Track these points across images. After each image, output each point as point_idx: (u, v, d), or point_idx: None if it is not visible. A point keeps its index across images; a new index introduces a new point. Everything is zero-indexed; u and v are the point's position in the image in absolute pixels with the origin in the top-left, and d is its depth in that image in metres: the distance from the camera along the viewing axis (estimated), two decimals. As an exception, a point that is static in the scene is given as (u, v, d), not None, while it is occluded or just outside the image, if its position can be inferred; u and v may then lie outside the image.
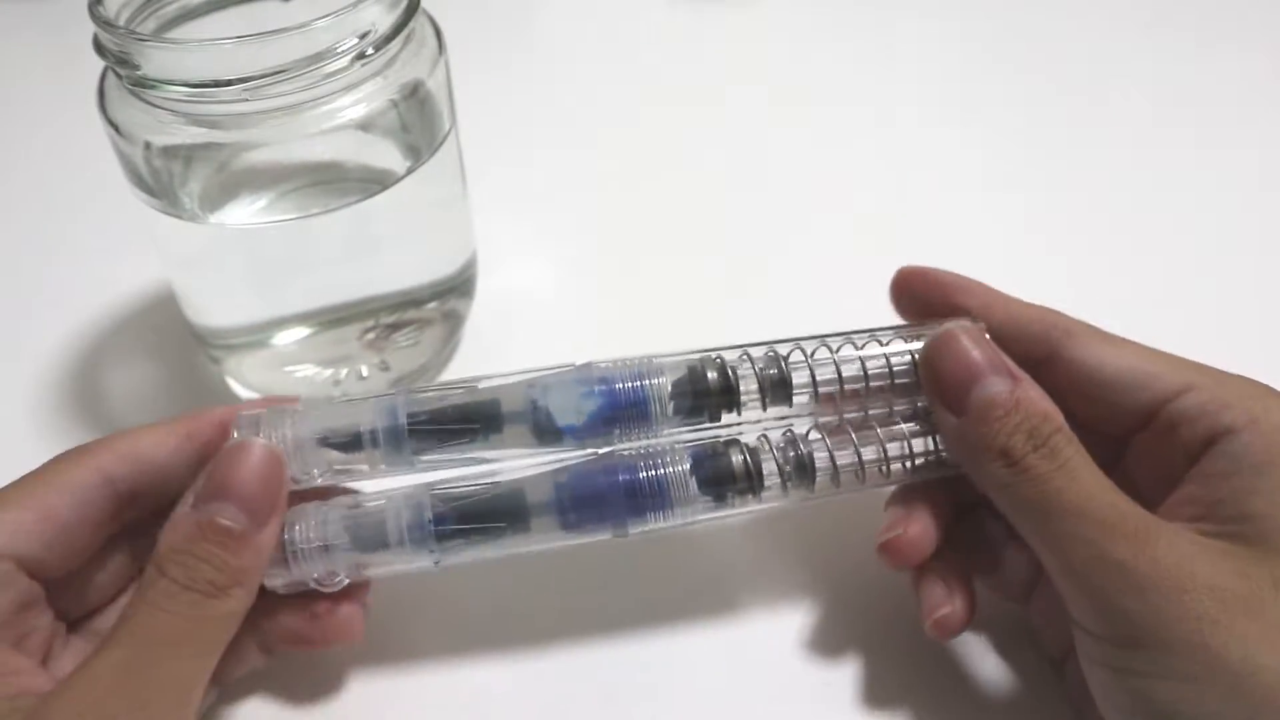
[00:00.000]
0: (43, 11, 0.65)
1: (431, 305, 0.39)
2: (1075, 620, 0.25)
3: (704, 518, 0.29)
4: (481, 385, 0.29)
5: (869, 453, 0.29)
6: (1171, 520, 0.25)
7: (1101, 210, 0.48)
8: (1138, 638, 0.23)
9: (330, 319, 0.37)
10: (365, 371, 0.38)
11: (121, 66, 0.31)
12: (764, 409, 0.29)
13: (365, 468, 0.28)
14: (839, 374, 0.29)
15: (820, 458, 0.29)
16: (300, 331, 0.38)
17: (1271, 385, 0.27)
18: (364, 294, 0.37)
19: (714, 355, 0.29)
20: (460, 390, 0.29)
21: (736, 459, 0.28)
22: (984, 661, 0.31)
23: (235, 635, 0.26)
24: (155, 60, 0.30)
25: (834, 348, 0.30)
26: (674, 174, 0.51)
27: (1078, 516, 0.24)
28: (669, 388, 0.29)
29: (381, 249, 0.36)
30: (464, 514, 0.28)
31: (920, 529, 0.28)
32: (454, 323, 0.41)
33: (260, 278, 0.37)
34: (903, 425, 0.29)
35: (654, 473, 0.28)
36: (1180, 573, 0.23)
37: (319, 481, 0.28)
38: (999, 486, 0.26)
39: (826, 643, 0.31)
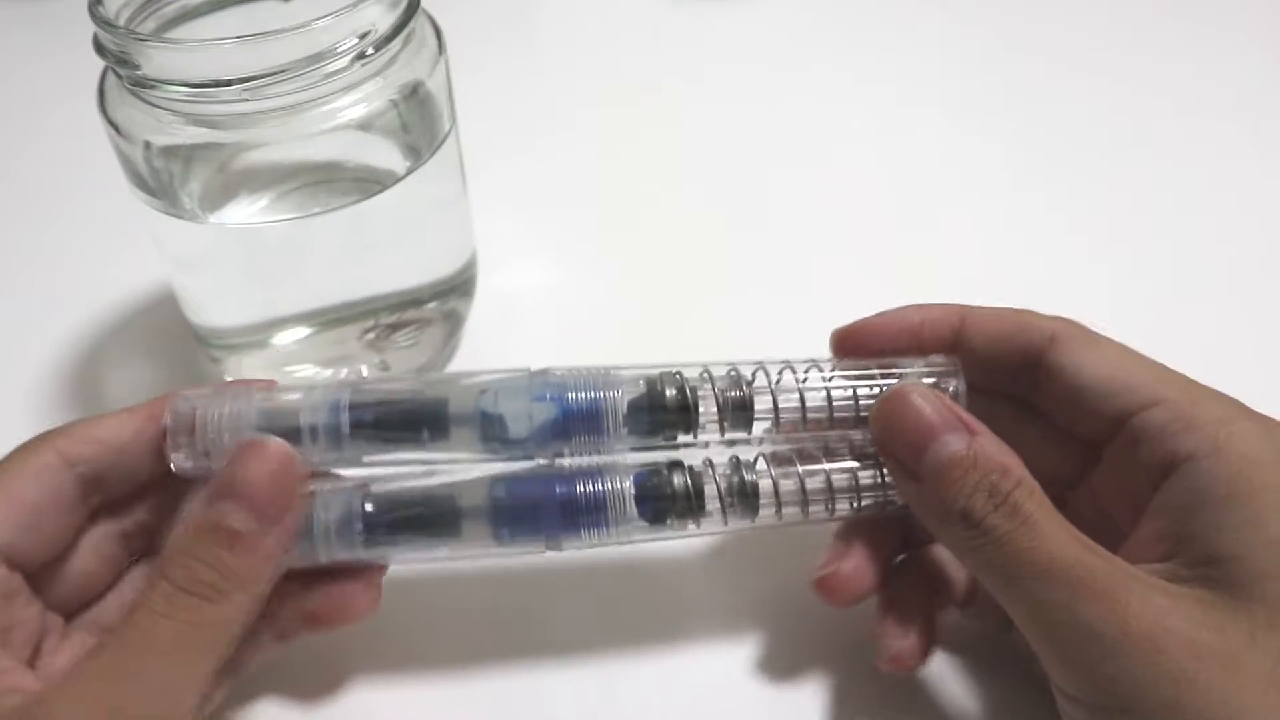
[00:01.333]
0: (43, 11, 0.65)
1: (431, 305, 0.39)
2: (1053, 683, 0.24)
3: (641, 538, 0.28)
4: (432, 384, 0.28)
5: (814, 483, 0.28)
6: (1141, 558, 0.25)
7: (1105, 210, 0.48)
8: (1115, 703, 0.23)
9: (330, 319, 0.37)
10: (365, 371, 0.38)
11: (121, 66, 0.31)
12: (722, 433, 0.28)
13: (305, 459, 0.27)
14: (802, 403, 0.28)
15: (764, 486, 0.28)
16: (300, 331, 0.38)
17: (1250, 403, 0.26)
18: (364, 294, 0.37)
19: (674, 372, 0.28)
20: (409, 389, 0.28)
21: (678, 480, 0.27)
22: (970, 682, 0.30)
23: (255, 631, 0.26)
24: (155, 60, 0.30)
25: (799, 374, 0.29)
26: (674, 174, 0.51)
27: (1044, 578, 0.23)
28: (624, 404, 0.28)
29: (381, 249, 0.36)
30: (396, 517, 0.27)
31: (854, 566, 0.28)
32: (454, 323, 0.41)
33: (260, 278, 0.37)
34: (851, 461, 0.28)
35: (592, 488, 0.27)
36: (1154, 632, 0.22)
37: None
38: (964, 550, 0.25)
39: (796, 668, 0.31)
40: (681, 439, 0.28)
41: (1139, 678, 0.22)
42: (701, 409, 0.28)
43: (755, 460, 0.28)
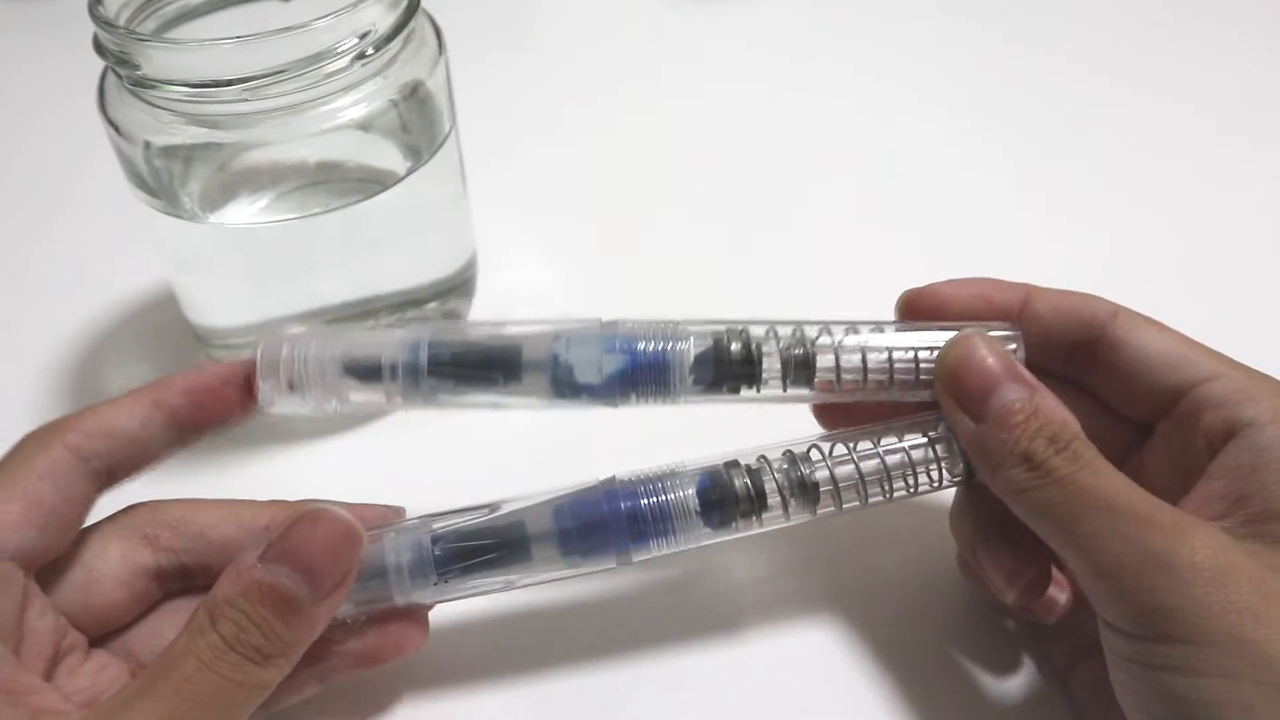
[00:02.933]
0: (43, 11, 0.65)
1: (431, 305, 0.39)
2: (1106, 621, 0.25)
3: (707, 542, 0.28)
4: (507, 331, 0.29)
5: (869, 466, 0.28)
6: (1197, 515, 0.25)
7: (1107, 201, 0.48)
8: (1175, 633, 0.23)
9: (330, 319, 0.37)
10: (365, 371, 0.38)
11: (121, 66, 0.31)
12: (784, 389, 0.29)
13: (382, 399, 0.29)
14: (864, 364, 0.29)
15: (821, 476, 0.28)
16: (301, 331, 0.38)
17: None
18: (364, 294, 0.37)
19: (740, 328, 0.29)
20: (485, 334, 0.29)
21: (738, 482, 0.28)
22: (988, 672, 0.31)
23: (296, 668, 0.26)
24: (155, 60, 0.30)
25: (862, 334, 0.29)
26: (674, 174, 0.51)
27: (1110, 512, 0.24)
28: (691, 357, 0.28)
29: (381, 249, 0.36)
30: (466, 549, 0.28)
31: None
32: (454, 322, 0.41)
33: (260, 278, 0.37)
34: (905, 440, 0.29)
35: (656, 499, 0.28)
36: (1220, 565, 0.23)
37: (335, 408, 0.29)
38: (1020, 491, 0.25)
39: (827, 656, 0.31)
40: (744, 392, 0.29)
41: (1204, 607, 0.23)
42: (765, 365, 0.29)
43: (809, 451, 0.29)
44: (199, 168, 0.34)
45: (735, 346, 0.29)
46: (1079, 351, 0.29)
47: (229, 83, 0.30)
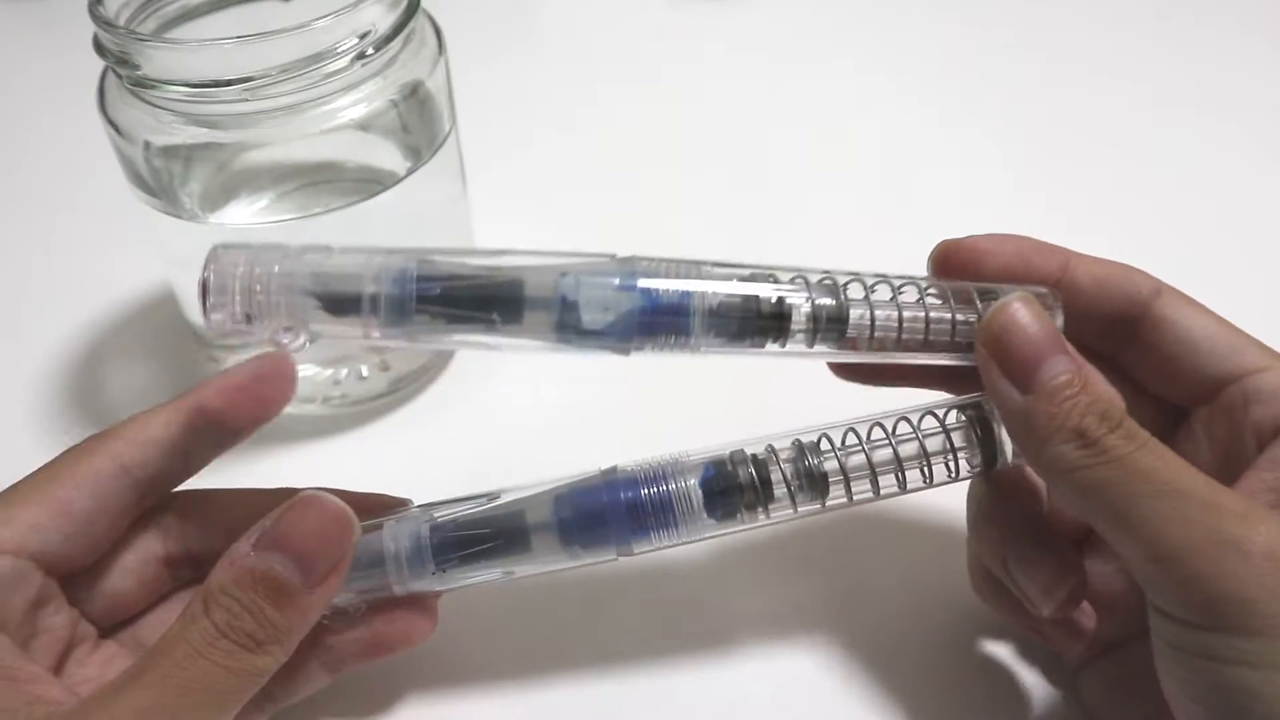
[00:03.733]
0: (43, 11, 0.65)
1: (431, 305, 0.39)
2: (1161, 608, 0.23)
3: (711, 534, 0.27)
4: (506, 261, 0.26)
5: (881, 455, 0.27)
6: None
7: (1110, 198, 0.48)
8: (1246, 625, 0.22)
9: (330, 319, 0.37)
10: (365, 371, 0.38)
11: (121, 66, 0.31)
12: (810, 345, 0.27)
13: (359, 334, 0.25)
14: (900, 321, 0.27)
15: (830, 466, 0.27)
16: (300, 331, 0.38)
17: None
18: (364, 294, 0.37)
19: (769, 274, 0.27)
20: (482, 264, 0.25)
21: (743, 473, 0.27)
22: (999, 671, 0.31)
23: (300, 656, 0.26)
24: (155, 60, 0.30)
25: (896, 286, 0.27)
26: (674, 174, 0.51)
27: (1176, 495, 0.23)
28: (715, 303, 0.26)
29: (381, 249, 0.36)
30: (465, 538, 0.27)
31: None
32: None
33: (260, 278, 0.37)
34: (920, 428, 0.28)
35: (657, 489, 0.27)
36: None
37: (302, 343, 0.25)
38: (1069, 469, 0.24)
39: (835, 654, 0.31)
40: (769, 346, 0.27)
41: (1276, 599, 0.22)
42: (794, 317, 0.26)
43: (818, 441, 0.27)
44: (199, 168, 0.34)
45: (765, 295, 0.26)
46: (1117, 327, 0.28)
47: (229, 83, 0.30)
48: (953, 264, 0.29)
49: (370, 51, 0.32)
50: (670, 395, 0.37)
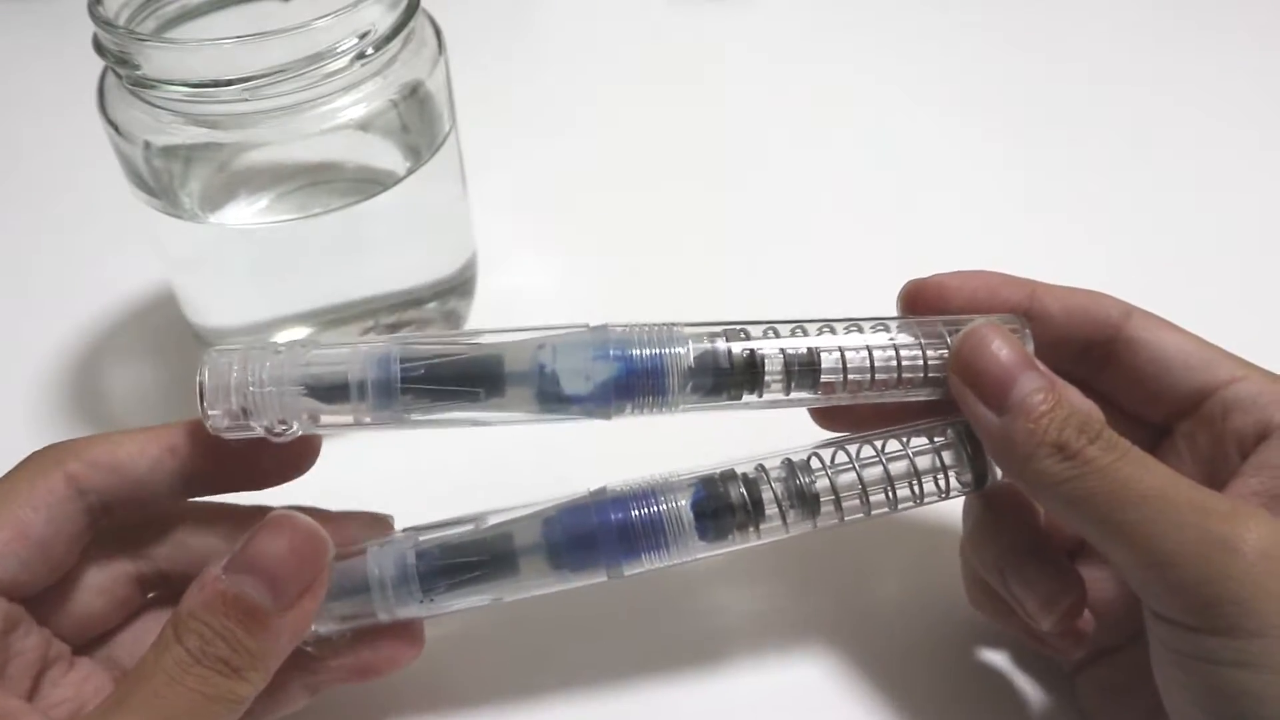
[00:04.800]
0: (43, 11, 0.65)
1: (431, 305, 0.39)
2: (1157, 613, 0.24)
3: (703, 555, 0.27)
4: (485, 340, 0.27)
5: (871, 474, 0.27)
6: None
7: (1108, 201, 0.48)
8: (1241, 625, 0.22)
9: (330, 319, 0.37)
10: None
11: (121, 66, 0.31)
12: (786, 393, 0.27)
13: (350, 420, 0.26)
14: (871, 363, 0.27)
15: (821, 485, 0.27)
16: (300, 331, 0.38)
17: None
18: (364, 294, 0.37)
19: (738, 329, 0.27)
20: (462, 344, 0.27)
21: (734, 492, 0.27)
22: (995, 676, 0.31)
23: (282, 677, 0.25)
24: (155, 60, 0.30)
25: (865, 332, 0.28)
26: (674, 174, 0.51)
27: (1163, 500, 0.23)
28: (689, 363, 0.26)
29: (381, 249, 0.36)
30: (453, 565, 0.27)
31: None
32: (454, 323, 0.41)
33: (260, 278, 0.37)
34: (910, 446, 0.28)
35: (647, 509, 0.26)
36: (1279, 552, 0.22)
37: (296, 432, 0.26)
38: (1055, 483, 0.24)
39: (831, 661, 0.31)
40: (746, 398, 0.27)
41: (1272, 600, 0.22)
42: (767, 369, 0.27)
43: (809, 459, 0.27)
44: (199, 168, 0.34)
45: (736, 349, 0.27)
46: (1090, 352, 0.29)
47: (229, 83, 0.30)
48: (920, 302, 0.29)
49: (370, 51, 0.32)
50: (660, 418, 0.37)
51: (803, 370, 0.27)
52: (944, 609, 0.32)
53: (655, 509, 0.26)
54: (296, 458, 0.28)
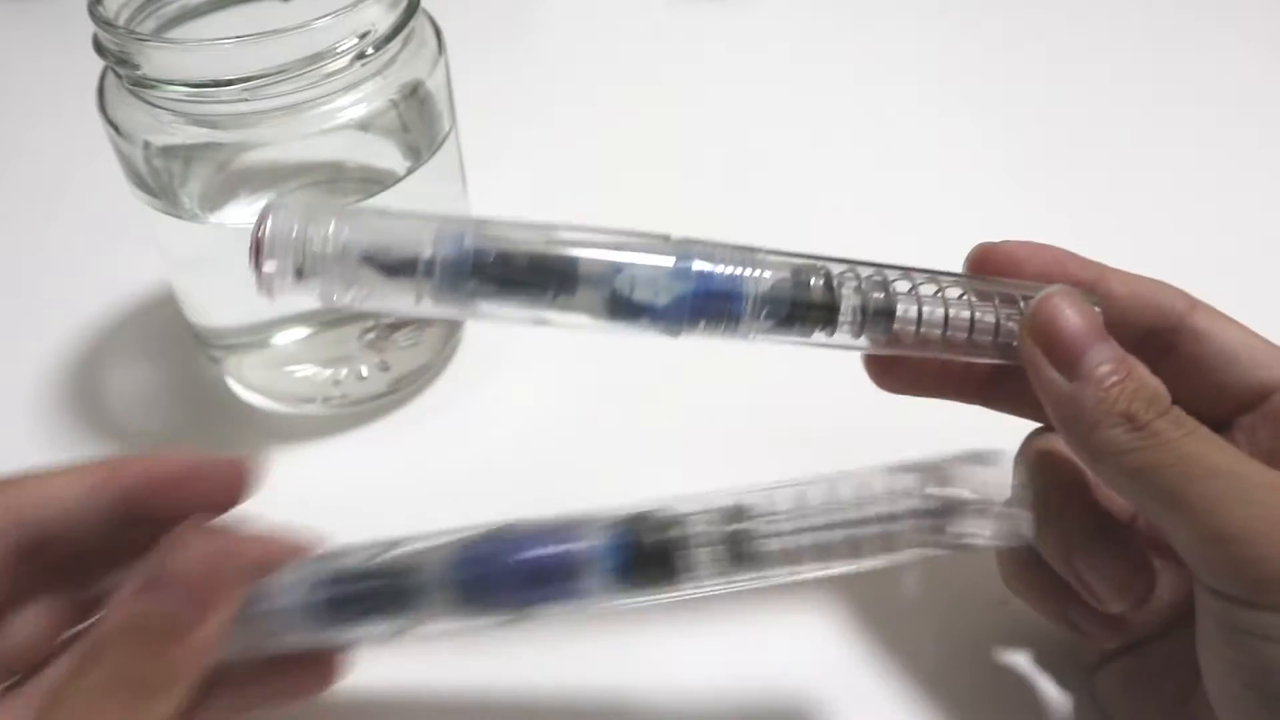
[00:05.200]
0: (43, 11, 0.65)
1: (431, 305, 0.39)
2: (1215, 589, 0.23)
3: (621, 603, 0.25)
4: (560, 235, 0.25)
5: (819, 540, 0.24)
6: None
7: (1114, 199, 0.48)
8: None
9: (330, 319, 0.37)
10: (365, 371, 0.38)
11: (121, 66, 0.31)
12: (856, 335, 0.27)
13: (411, 299, 0.25)
14: (946, 317, 0.27)
15: (766, 551, 0.24)
16: (300, 331, 0.38)
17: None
18: (364, 294, 0.37)
19: (821, 264, 0.27)
20: (535, 235, 0.25)
21: (653, 540, 0.24)
22: (1014, 670, 0.31)
23: (208, 697, 0.25)
24: (155, 60, 0.30)
25: (944, 286, 0.27)
26: (674, 174, 0.51)
27: (1234, 476, 0.23)
28: (767, 288, 0.26)
29: (381, 249, 0.36)
30: (350, 591, 0.25)
31: None
32: (454, 323, 0.41)
33: (260, 278, 0.37)
34: (868, 510, 0.24)
35: (558, 549, 0.25)
36: None
37: (349, 302, 0.25)
38: (1118, 452, 0.24)
39: (842, 657, 0.31)
40: (817, 335, 0.27)
41: None
42: (843, 307, 0.26)
43: (747, 525, 0.25)
44: (199, 168, 0.34)
45: (815, 282, 0.26)
46: (1151, 340, 0.28)
47: (229, 83, 0.30)
48: (988, 268, 0.29)
49: (370, 51, 0.32)
50: (668, 404, 0.37)
51: (878, 314, 0.26)
52: (957, 603, 0.32)
53: (566, 549, 0.25)
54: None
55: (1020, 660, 0.31)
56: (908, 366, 0.29)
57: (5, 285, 0.46)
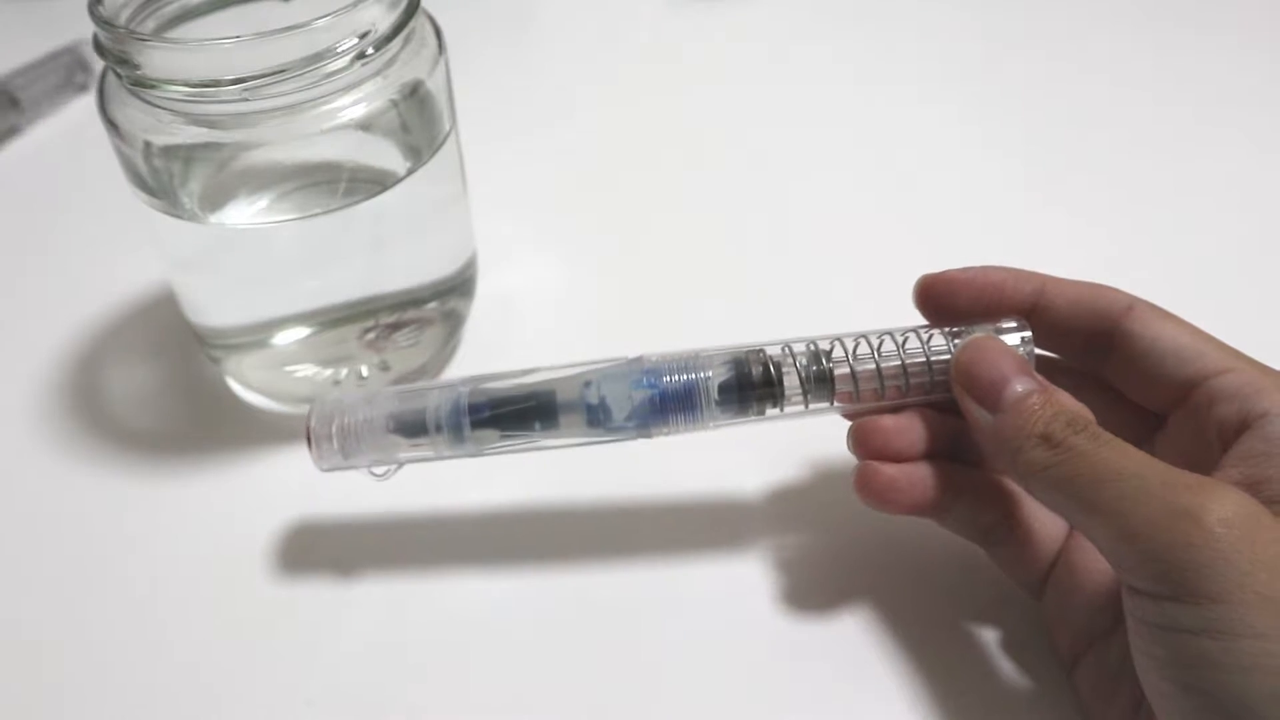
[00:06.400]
0: (43, 11, 0.65)
1: (431, 305, 0.39)
2: (1133, 586, 0.24)
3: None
4: (540, 378, 0.31)
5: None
6: None
7: (1111, 196, 0.48)
8: (1205, 591, 0.22)
9: (330, 319, 0.37)
10: (365, 371, 0.38)
11: (121, 66, 0.31)
12: (806, 405, 0.31)
13: (431, 454, 0.31)
14: (879, 374, 0.30)
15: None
16: (300, 331, 0.38)
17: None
18: (364, 294, 0.37)
19: (757, 350, 0.31)
20: (519, 384, 0.31)
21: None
22: (994, 662, 0.31)
23: None
24: (155, 60, 0.30)
25: (874, 346, 0.30)
26: (674, 173, 0.51)
27: (1137, 477, 0.24)
28: (715, 386, 0.30)
29: (382, 249, 0.36)
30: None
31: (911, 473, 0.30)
32: (454, 323, 0.41)
33: (260, 278, 0.37)
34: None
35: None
36: (1248, 521, 0.23)
37: (393, 470, 0.31)
38: (1040, 469, 0.26)
39: (826, 650, 0.31)
40: (769, 412, 0.31)
41: (1233, 566, 0.22)
42: (785, 384, 0.30)
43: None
44: (199, 168, 0.34)
45: (756, 370, 0.30)
46: (1094, 343, 0.30)
47: (229, 83, 0.30)
48: (931, 296, 0.31)
49: (370, 51, 0.32)
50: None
51: (818, 383, 0.30)
52: (945, 600, 0.32)
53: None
54: None
55: (1006, 659, 0.31)
56: (869, 415, 0.31)
57: (5, 285, 0.46)
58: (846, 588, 0.33)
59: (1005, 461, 0.27)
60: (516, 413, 0.30)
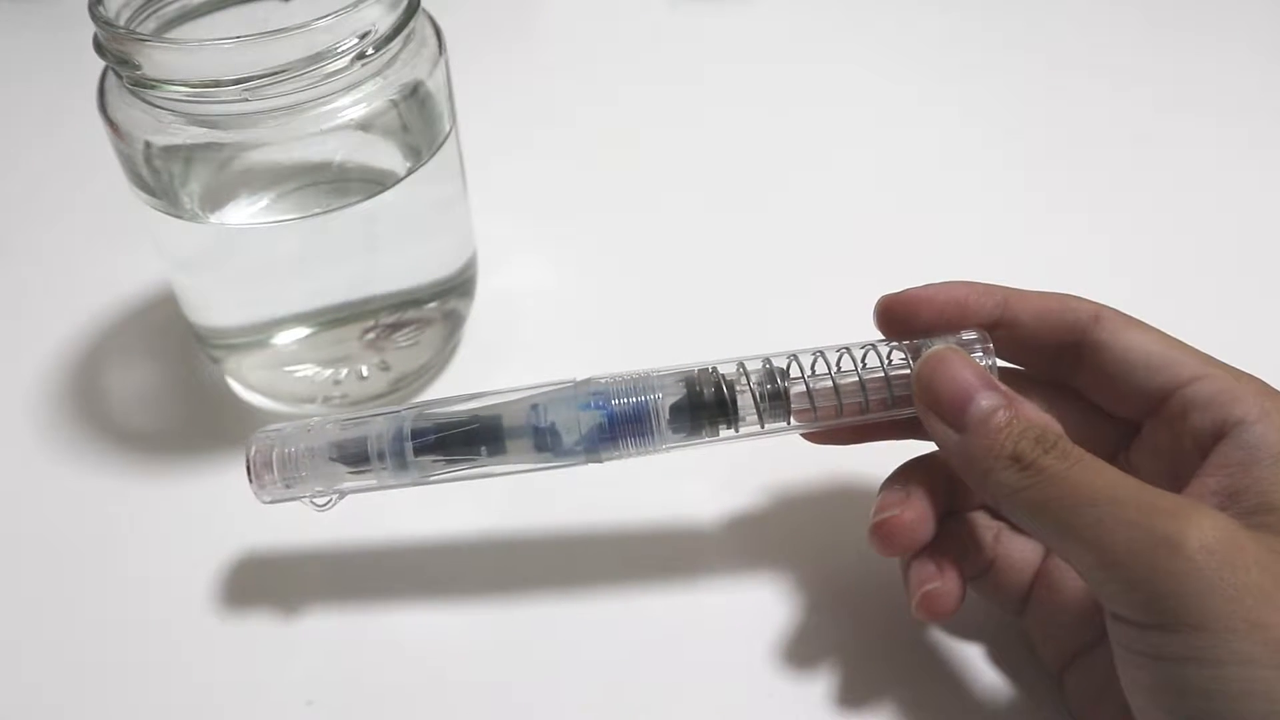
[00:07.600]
0: (43, 11, 0.65)
1: (432, 305, 0.39)
2: (1115, 614, 0.24)
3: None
4: (486, 402, 0.30)
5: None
6: None
7: (1109, 203, 0.48)
8: (1188, 619, 0.22)
9: (330, 319, 0.37)
10: (365, 371, 0.38)
11: (121, 66, 0.31)
12: (762, 425, 0.29)
13: (375, 482, 0.30)
14: (837, 391, 0.29)
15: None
16: (300, 331, 0.38)
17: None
18: (364, 294, 0.37)
19: (711, 370, 0.29)
20: (465, 409, 0.30)
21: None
22: (982, 672, 0.31)
23: None
24: (155, 60, 0.30)
25: (832, 362, 0.29)
26: (675, 174, 0.51)
27: (1113, 502, 0.24)
28: (667, 407, 0.29)
29: (382, 249, 0.36)
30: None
31: (916, 514, 0.28)
32: (454, 323, 0.41)
33: (260, 278, 0.37)
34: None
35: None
36: (1229, 547, 0.22)
37: (334, 501, 0.30)
38: (1012, 492, 0.25)
39: (811, 647, 0.31)
40: (725, 433, 0.29)
41: (1217, 591, 0.22)
42: (740, 403, 0.29)
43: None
44: (199, 168, 0.34)
45: (708, 391, 0.29)
46: (1064, 354, 0.29)
47: (229, 83, 0.30)
48: (892, 317, 0.30)
49: (370, 51, 0.32)
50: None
51: (773, 401, 0.29)
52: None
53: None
54: None
55: (995, 669, 0.31)
56: (828, 433, 0.31)
57: (5, 285, 0.46)
58: (821, 595, 0.33)
59: (975, 483, 0.26)
60: (462, 436, 0.29)
